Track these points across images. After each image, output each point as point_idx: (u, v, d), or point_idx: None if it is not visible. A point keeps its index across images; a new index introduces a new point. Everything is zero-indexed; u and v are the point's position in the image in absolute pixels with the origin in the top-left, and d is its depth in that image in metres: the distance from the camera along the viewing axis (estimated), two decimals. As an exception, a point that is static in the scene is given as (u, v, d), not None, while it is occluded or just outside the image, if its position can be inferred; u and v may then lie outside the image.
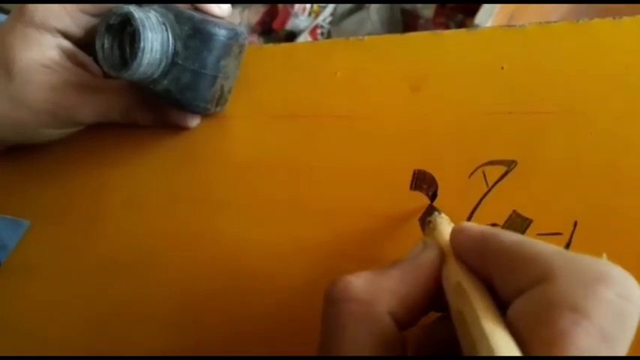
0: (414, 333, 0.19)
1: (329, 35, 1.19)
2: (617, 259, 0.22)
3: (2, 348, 0.34)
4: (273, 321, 0.28)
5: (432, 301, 0.18)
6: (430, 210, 0.24)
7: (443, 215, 0.23)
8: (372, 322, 0.17)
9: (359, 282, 0.18)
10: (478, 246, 0.18)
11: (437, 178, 0.26)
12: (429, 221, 0.22)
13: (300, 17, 1.20)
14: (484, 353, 0.14)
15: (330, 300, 0.18)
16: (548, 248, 0.16)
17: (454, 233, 0.19)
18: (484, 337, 0.14)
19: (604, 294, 0.14)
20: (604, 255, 0.22)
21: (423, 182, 0.26)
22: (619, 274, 0.14)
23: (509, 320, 0.15)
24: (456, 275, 0.17)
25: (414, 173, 0.26)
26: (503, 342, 0.14)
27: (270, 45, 0.34)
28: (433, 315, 0.19)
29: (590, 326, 0.13)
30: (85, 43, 0.32)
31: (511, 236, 0.17)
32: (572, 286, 0.14)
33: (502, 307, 0.16)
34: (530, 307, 0.15)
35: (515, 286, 0.16)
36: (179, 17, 0.28)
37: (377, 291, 0.17)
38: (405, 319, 0.17)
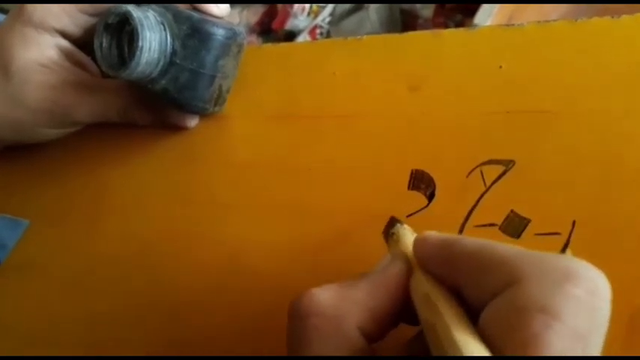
0: (392, 349, 0.18)
1: (328, 35, 1.19)
2: (616, 258, 0.22)
3: (2, 348, 0.34)
4: (273, 320, 0.28)
5: (402, 313, 0.18)
6: (392, 222, 0.23)
7: (405, 226, 0.22)
8: (341, 337, 0.16)
9: (325, 296, 0.17)
10: (442, 254, 0.17)
11: (435, 177, 0.26)
12: (392, 233, 0.22)
13: (299, 17, 1.20)
14: None
15: (296, 315, 0.17)
16: (512, 250, 0.16)
17: (417, 244, 0.19)
18: (456, 347, 0.14)
19: (573, 292, 0.14)
20: (568, 251, 0.22)
21: (421, 182, 0.26)
22: (585, 269, 0.14)
23: (480, 328, 0.15)
24: (423, 286, 0.17)
25: (411, 173, 0.26)
26: (476, 351, 0.14)
27: (269, 45, 0.34)
28: (403, 327, 0.19)
29: (563, 327, 0.13)
30: (83, 42, 0.32)
31: (474, 242, 0.17)
32: (540, 287, 0.14)
33: (473, 314, 0.16)
34: (501, 312, 0.14)
35: (483, 292, 0.15)
36: (177, 17, 0.28)
37: (344, 305, 0.17)
38: (374, 332, 0.17)
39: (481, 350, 0.14)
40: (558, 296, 0.14)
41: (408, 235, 0.21)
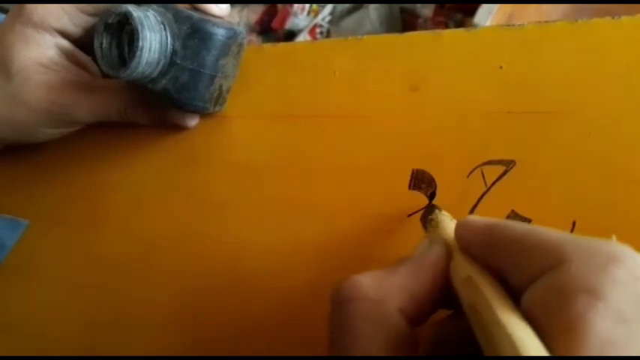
0: (424, 332, 0.19)
1: (328, 34, 1.19)
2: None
3: (2, 348, 0.34)
4: (273, 320, 0.28)
5: (442, 298, 0.18)
6: (431, 208, 0.24)
7: (444, 212, 0.23)
8: (383, 321, 0.17)
9: (367, 281, 0.17)
10: (484, 238, 0.17)
11: (435, 177, 0.26)
12: (431, 219, 0.22)
13: (299, 16, 1.20)
14: (502, 342, 0.13)
15: (339, 300, 0.17)
16: (556, 234, 0.16)
17: (459, 228, 0.19)
18: (501, 326, 0.14)
19: (617, 275, 0.14)
20: (613, 236, 0.22)
21: (422, 182, 0.26)
22: (630, 253, 0.14)
23: (523, 309, 0.15)
24: (465, 269, 0.17)
25: (412, 173, 0.26)
26: (520, 329, 0.14)
27: (269, 44, 0.34)
28: (442, 313, 0.19)
29: (606, 308, 0.13)
30: (83, 42, 0.32)
31: (518, 226, 0.17)
32: (584, 270, 0.14)
33: (514, 297, 0.16)
34: (544, 293, 0.14)
35: (526, 275, 0.15)
36: (178, 16, 0.28)
37: (386, 289, 0.17)
38: (416, 316, 0.17)
39: (525, 328, 0.14)
40: (602, 278, 0.14)
41: (447, 221, 0.21)
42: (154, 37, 0.27)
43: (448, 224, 0.21)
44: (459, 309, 0.17)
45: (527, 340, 0.13)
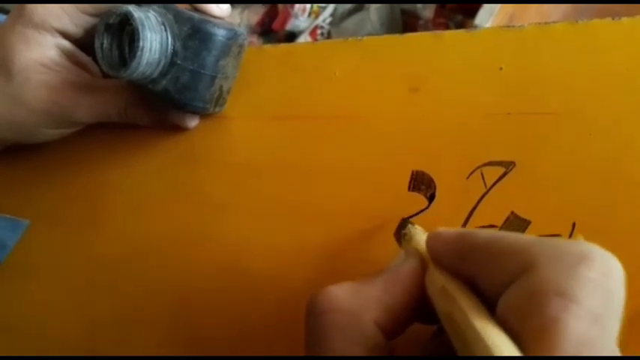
0: (401, 348, 0.19)
1: (329, 36, 1.19)
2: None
3: (2, 348, 0.34)
4: (272, 321, 0.28)
5: (417, 310, 0.18)
6: (403, 223, 0.24)
7: (417, 226, 0.23)
8: (358, 332, 0.17)
9: (342, 292, 0.18)
10: (455, 248, 0.18)
11: (435, 179, 0.26)
12: (404, 233, 0.23)
13: (300, 18, 1.20)
14: (479, 350, 0.14)
15: (314, 312, 0.17)
16: (524, 238, 0.16)
17: (430, 239, 0.19)
18: (477, 334, 0.14)
19: (588, 274, 0.14)
20: (580, 236, 0.22)
21: (422, 183, 0.26)
22: (599, 253, 0.14)
23: (498, 316, 0.15)
24: (438, 280, 0.17)
25: (412, 174, 0.26)
26: (496, 337, 0.14)
27: (270, 45, 0.34)
28: (418, 327, 0.19)
29: (580, 309, 0.13)
30: (84, 43, 0.32)
31: (487, 233, 0.17)
32: (555, 272, 0.14)
33: (488, 304, 0.16)
34: (518, 298, 0.15)
35: (499, 282, 0.16)
36: (178, 17, 0.28)
37: (361, 301, 0.17)
38: (391, 328, 0.17)
39: (501, 335, 0.14)
40: (574, 279, 0.14)
41: (419, 234, 0.22)
42: (154, 38, 0.27)
43: (421, 237, 0.21)
44: (435, 320, 0.17)
45: (502, 345, 0.13)
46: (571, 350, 0.13)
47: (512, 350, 0.13)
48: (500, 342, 0.13)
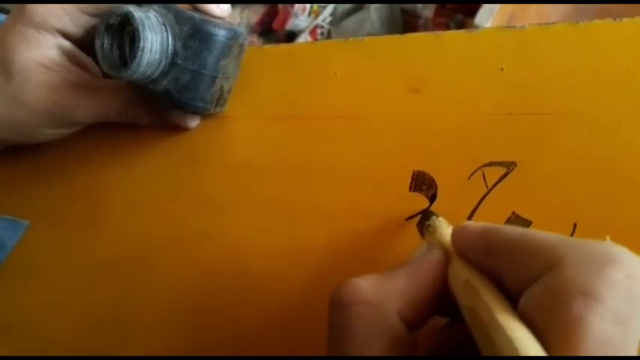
0: (424, 340, 0.19)
1: (329, 35, 1.19)
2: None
3: (2, 348, 0.34)
4: (273, 321, 0.28)
5: (439, 302, 0.18)
6: (427, 214, 0.24)
7: (441, 218, 0.23)
8: (382, 324, 0.17)
9: (366, 284, 0.18)
10: (481, 242, 0.18)
11: (436, 179, 0.26)
12: (428, 225, 0.22)
13: (300, 17, 1.20)
14: (503, 344, 0.14)
15: (338, 305, 0.17)
16: (551, 237, 0.16)
17: (456, 233, 0.19)
18: (500, 328, 0.14)
19: (613, 276, 0.14)
20: (607, 237, 0.22)
21: (423, 183, 0.26)
22: (625, 254, 0.14)
23: (521, 312, 0.15)
24: (462, 273, 0.17)
25: (413, 174, 0.26)
26: (519, 332, 0.14)
27: (270, 45, 0.34)
28: (438, 320, 0.19)
29: (604, 309, 0.13)
30: (84, 43, 0.32)
31: (513, 229, 0.17)
32: (580, 271, 0.14)
33: (512, 300, 0.16)
34: (542, 296, 0.15)
35: (523, 278, 0.16)
36: (179, 17, 0.28)
37: (385, 292, 0.17)
38: (414, 320, 0.17)
39: (524, 331, 0.14)
40: (599, 279, 0.14)
41: (443, 227, 0.22)
42: (155, 38, 0.27)
43: (445, 230, 0.21)
44: (456, 313, 0.17)
45: (526, 342, 0.13)
46: (593, 349, 0.13)
47: (535, 345, 0.13)
48: (523, 336, 0.13)
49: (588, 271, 0.14)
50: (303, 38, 1.19)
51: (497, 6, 0.84)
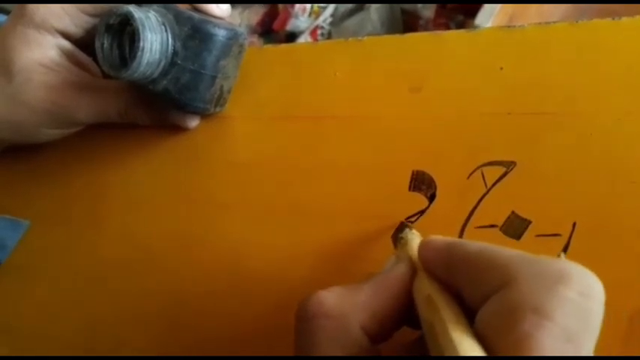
0: (392, 353, 0.19)
1: (329, 36, 1.19)
2: (616, 260, 0.22)
3: (2, 348, 0.34)
4: (273, 321, 0.28)
5: (404, 315, 0.18)
6: (401, 226, 0.25)
7: (414, 231, 0.23)
8: (344, 337, 0.17)
9: (331, 298, 0.18)
10: (444, 258, 0.18)
11: (436, 178, 0.26)
12: (401, 237, 0.23)
13: (301, 18, 1.20)
14: None
15: (304, 317, 0.18)
16: (507, 253, 0.16)
17: (421, 247, 0.19)
18: (452, 346, 0.14)
19: (565, 293, 0.14)
20: (562, 254, 0.22)
21: (422, 183, 0.26)
22: (578, 272, 0.14)
23: (476, 328, 0.15)
24: (425, 288, 0.18)
25: (412, 174, 0.26)
26: (470, 349, 0.14)
27: (270, 46, 0.34)
28: (406, 330, 0.19)
29: (554, 327, 0.13)
30: (84, 43, 0.32)
31: (474, 245, 0.17)
32: (532, 288, 0.14)
33: (471, 316, 0.16)
34: (494, 313, 0.15)
35: (480, 294, 0.16)
36: (179, 17, 0.28)
37: (349, 306, 0.18)
38: (377, 333, 0.18)
39: (475, 349, 0.14)
40: (550, 297, 0.14)
41: (415, 240, 0.22)
42: (155, 38, 0.27)
43: (416, 243, 0.21)
44: (420, 326, 0.17)
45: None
46: None
47: None
48: (473, 354, 0.14)
49: (540, 288, 0.14)
50: (304, 39, 1.19)
51: (498, 6, 0.84)
